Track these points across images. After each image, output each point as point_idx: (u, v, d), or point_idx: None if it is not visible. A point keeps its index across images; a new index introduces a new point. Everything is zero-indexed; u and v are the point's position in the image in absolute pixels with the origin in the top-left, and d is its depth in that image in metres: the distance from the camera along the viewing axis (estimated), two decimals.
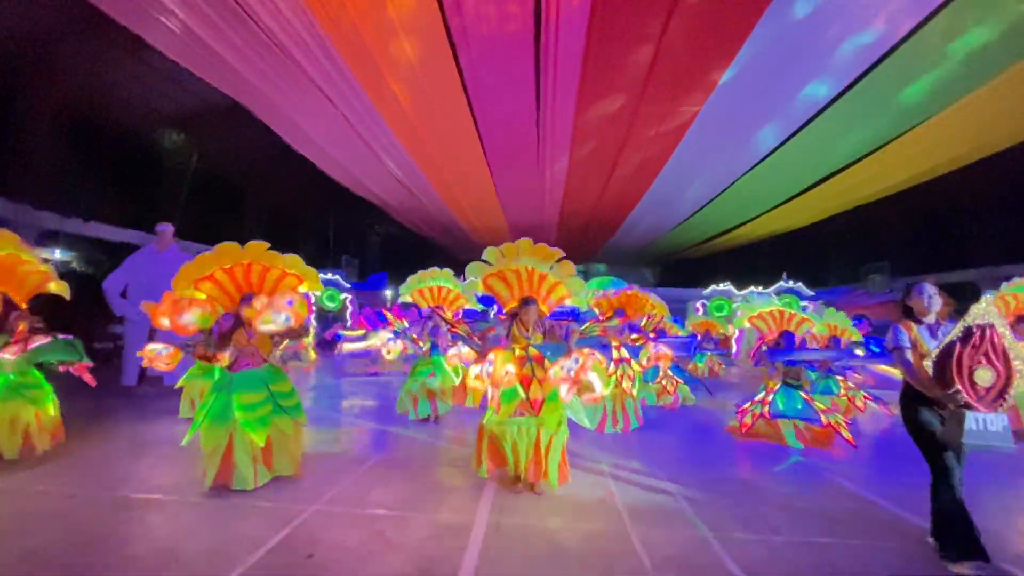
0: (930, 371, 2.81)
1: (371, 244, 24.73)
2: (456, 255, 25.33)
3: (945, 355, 2.71)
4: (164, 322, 4.04)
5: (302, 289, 4.37)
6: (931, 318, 3.00)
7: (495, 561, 2.75)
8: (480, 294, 4.67)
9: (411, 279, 7.00)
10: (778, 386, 5.48)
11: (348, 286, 18.86)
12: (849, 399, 6.62)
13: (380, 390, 9.09)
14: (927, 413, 2.91)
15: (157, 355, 4.32)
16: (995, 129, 10.68)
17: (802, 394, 5.32)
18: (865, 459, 5.03)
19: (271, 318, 3.65)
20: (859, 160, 12.13)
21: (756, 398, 5.60)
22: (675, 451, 5.33)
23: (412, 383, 6.25)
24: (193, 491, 3.62)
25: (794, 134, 10.93)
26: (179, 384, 6.01)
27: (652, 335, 6.08)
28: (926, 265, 17.92)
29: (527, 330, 4.02)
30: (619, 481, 4.16)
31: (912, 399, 2.98)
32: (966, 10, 7.09)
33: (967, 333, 2.69)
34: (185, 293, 4.04)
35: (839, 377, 6.88)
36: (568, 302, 4.43)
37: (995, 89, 8.74)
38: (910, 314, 3.06)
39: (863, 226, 20.48)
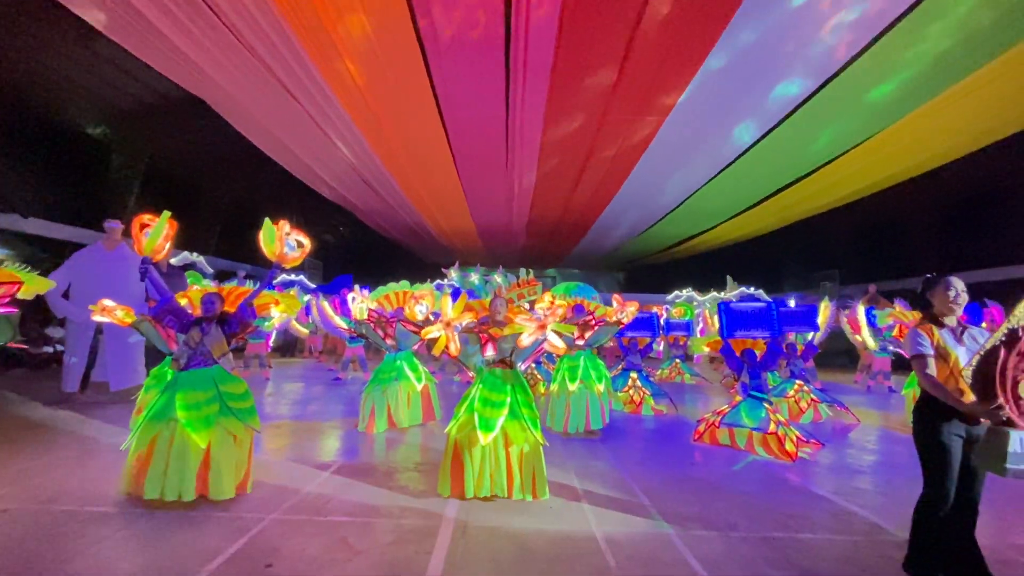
0: (967, 381, 2.38)
1: (335, 246, 24.20)
2: (423, 258, 25.08)
3: (988, 363, 2.27)
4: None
5: (277, 310, 4.40)
6: (952, 320, 2.62)
7: (461, 564, 2.73)
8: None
9: (379, 289, 6.91)
10: (742, 399, 5.64)
11: (313, 287, 18.39)
12: (796, 400, 7.03)
13: (344, 395, 8.88)
14: (947, 431, 2.49)
15: (110, 308, 4.09)
16: (932, 147, 11.46)
17: (767, 406, 5.49)
18: (820, 458, 5.25)
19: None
20: (809, 174, 12.74)
21: (719, 409, 5.77)
22: (640, 454, 5.43)
23: (372, 389, 6.13)
24: (141, 502, 3.44)
25: (747, 150, 11.42)
26: (138, 398, 5.69)
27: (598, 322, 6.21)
28: (873, 273, 18.94)
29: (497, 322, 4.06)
30: (586, 482, 4.21)
31: (931, 413, 2.55)
32: (903, 37, 7.55)
33: (1012, 337, 2.24)
34: None
35: (798, 381, 7.27)
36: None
37: (930, 111, 9.35)
38: (929, 314, 2.68)
39: (814, 236, 21.54)
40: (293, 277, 19.39)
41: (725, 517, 3.50)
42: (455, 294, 5.84)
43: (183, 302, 4.30)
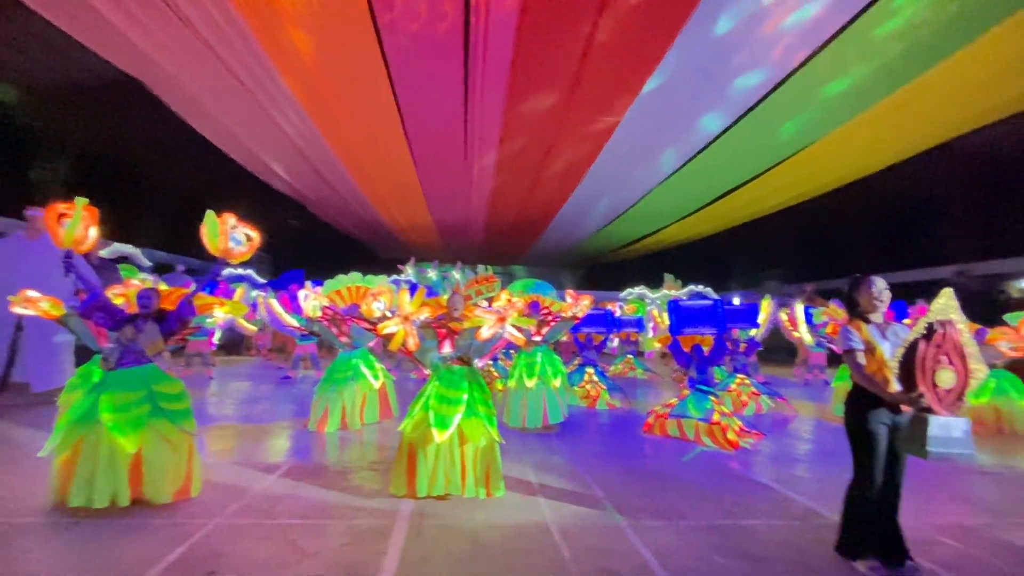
0: (893, 373, 2.60)
1: (285, 240, 23.31)
2: (379, 253, 24.55)
3: (910, 354, 2.51)
4: None
5: (222, 312, 4.22)
6: (878, 317, 2.78)
7: (416, 563, 2.70)
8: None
9: (330, 283, 6.69)
10: (690, 392, 5.86)
11: (262, 282, 17.69)
12: (738, 393, 7.47)
13: (294, 394, 8.60)
14: (874, 420, 2.66)
15: (34, 300, 3.76)
16: (867, 156, 12.28)
17: (712, 399, 5.72)
18: (761, 448, 5.53)
19: None
20: (755, 177, 13.39)
21: (668, 402, 5.98)
22: (595, 447, 5.54)
23: (326, 388, 5.95)
24: (69, 511, 3.20)
25: (701, 151, 11.87)
26: (60, 399, 5.30)
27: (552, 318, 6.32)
28: (814, 272, 20.13)
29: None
30: (542, 477, 4.25)
31: (860, 403, 2.72)
32: (846, 49, 8.05)
33: (930, 330, 2.49)
34: None
35: (740, 375, 7.64)
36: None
37: (865, 122, 10.02)
38: (857, 312, 2.83)
39: (759, 237, 22.70)
40: (241, 272, 18.57)
41: (674, 507, 3.63)
42: (412, 290, 5.75)
43: (119, 299, 4.04)
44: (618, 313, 11.74)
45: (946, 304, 2.53)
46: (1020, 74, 8.42)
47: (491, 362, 8.59)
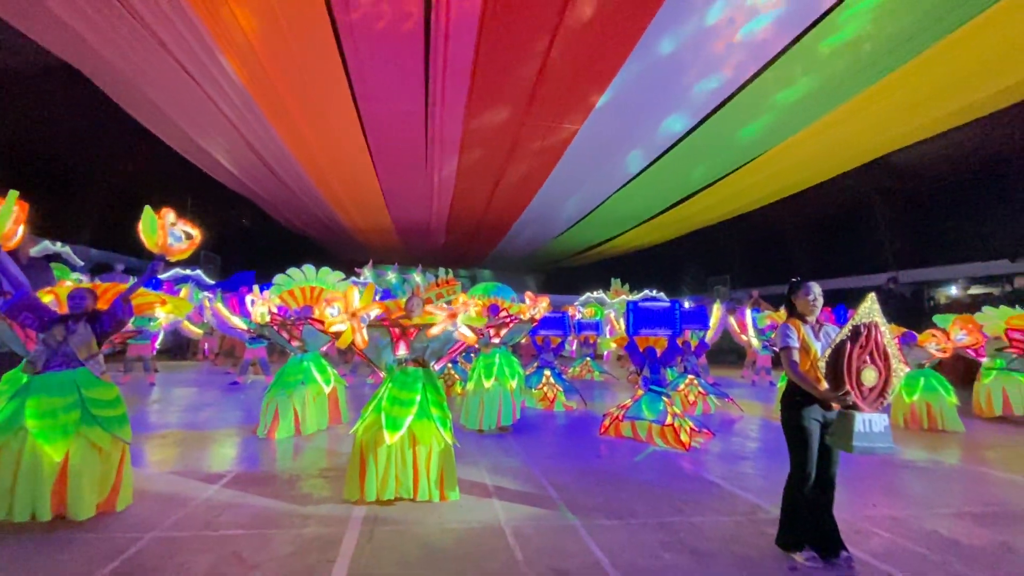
0: (822, 372, 2.74)
1: (235, 239, 22.36)
2: (336, 254, 23.93)
3: (837, 355, 2.65)
4: None
5: (164, 312, 4.03)
6: (812, 319, 2.93)
7: (367, 570, 2.64)
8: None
9: (279, 279, 6.50)
10: (643, 393, 5.99)
11: (209, 283, 16.94)
12: (686, 394, 7.77)
13: (242, 400, 8.25)
14: (808, 416, 2.81)
15: None
16: (808, 169, 13.00)
17: (665, 400, 5.87)
18: (710, 447, 5.72)
19: None
20: (704, 188, 13.96)
21: (623, 403, 6.10)
22: (550, 448, 5.58)
23: (276, 392, 5.74)
24: None
25: (655, 161, 12.29)
26: None
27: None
28: (758, 278, 21.13)
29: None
30: (497, 479, 4.25)
31: (795, 401, 2.87)
32: (792, 65, 8.51)
33: (855, 332, 2.65)
34: None
35: (690, 376, 7.89)
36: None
37: (808, 135, 10.60)
38: (795, 313, 2.98)
39: (709, 244, 23.74)
40: (187, 272, 17.74)
41: (626, 505, 3.70)
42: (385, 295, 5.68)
43: (48, 298, 3.76)
44: (578, 317, 11.92)
45: (870, 308, 2.69)
46: (948, 95, 9.15)
47: (451, 364, 8.53)
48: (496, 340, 6.32)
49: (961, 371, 9.95)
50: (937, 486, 4.49)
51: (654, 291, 18.88)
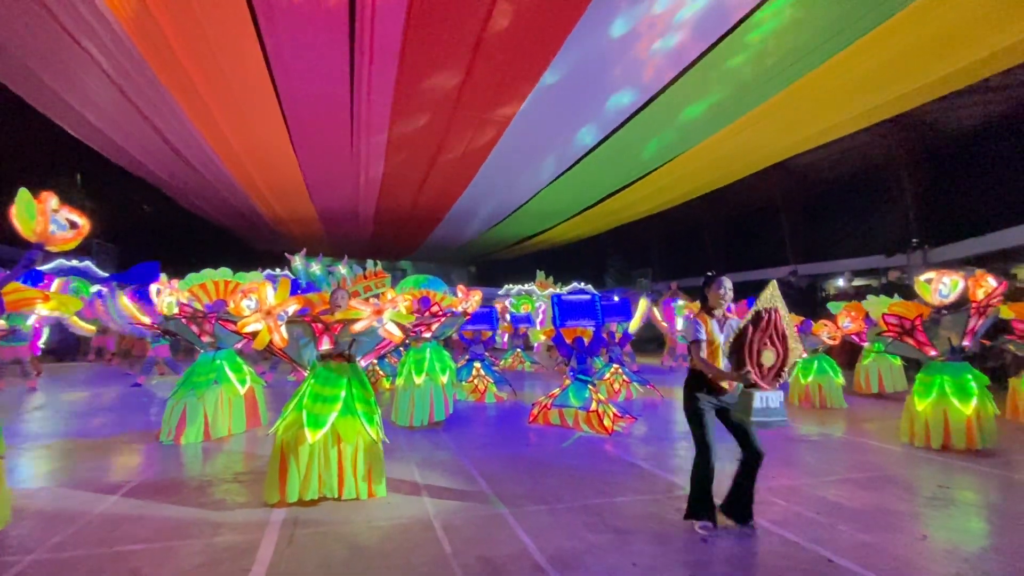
0: (723, 359, 3.05)
1: (135, 227, 20.32)
2: (253, 245, 22.43)
3: (740, 338, 2.95)
4: None
5: (46, 309, 3.59)
6: (720, 312, 3.16)
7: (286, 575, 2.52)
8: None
9: (190, 277, 5.98)
10: (570, 382, 6.17)
11: (104, 275, 15.31)
12: (611, 382, 8.21)
13: (144, 404, 7.55)
14: (704, 401, 3.09)
15: None
16: (719, 170, 13.97)
17: (590, 388, 6.08)
18: (633, 431, 6.01)
19: None
20: (625, 187, 14.61)
21: (552, 392, 6.26)
22: (481, 440, 5.61)
23: (184, 393, 5.31)
24: None
25: (576, 163, 12.70)
26: None
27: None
28: (678, 271, 22.46)
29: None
30: (427, 473, 4.21)
31: (695, 388, 3.13)
32: (700, 77, 9.05)
33: (757, 317, 2.92)
34: None
35: (615, 364, 8.25)
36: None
37: (718, 141, 11.38)
38: (706, 306, 3.19)
39: (633, 239, 24.94)
40: (76, 264, 15.96)
41: (553, 491, 3.81)
42: (293, 286, 5.34)
43: None
44: (510, 311, 12.06)
45: (772, 295, 2.99)
46: (836, 108, 10.16)
47: (376, 361, 8.31)
48: (427, 335, 6.23)
49: (847, 354, 11.14)
50: (825, 457, 5.01)
51: (581, 283, 19.48)
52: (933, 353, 5.33)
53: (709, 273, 3.25)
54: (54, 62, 8.63)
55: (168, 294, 5.48)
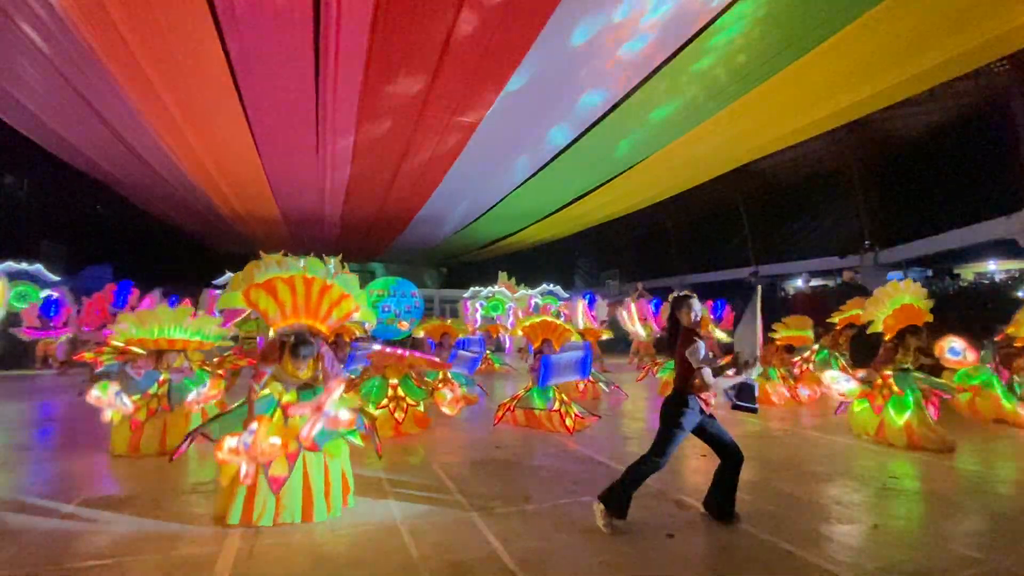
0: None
1: (86, 228, 19.38)
2: (213, 244, 21.66)
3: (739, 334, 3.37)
4: None
5: None
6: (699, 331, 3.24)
7: None
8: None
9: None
10: (535, 384, 6.19)
11: (55, 280, 14.61)
12: (576, 382, 8.20)
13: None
14: (688, 419, 3.13)
15: None
16: (683, 174, 14.34)
17: (553, 388, 6.12)
18: (598, 430, 6.08)
19: None
20: (593, 191, 14.84)
21: (516, 394, 6.27)
22: (449, 444, 5.59)
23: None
24: None
25: (544, 166, 12.84)
26: None
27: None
28: (644, 272, 22.89)
29: (297, 363, 3.34)
30: (393, 477, 4.16)
31: (681, 403, 3.15)
32: (664, 83, 9.29)
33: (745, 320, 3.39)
34: None
35: None
36: (357, 316, 3.81)
37: (680, 145, 11.69)
38: (677, 323, 3.28)
39: (602, 241, 25.29)
40: (24, 266, 15.21)
41: (521, 492, 3.82)
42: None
43: None
44: (480, 313, 12.07)
45: (755, 301, 3.26)
46: (793, 115, 10.59)
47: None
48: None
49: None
50: (785, 452, 5.20)
51: (550, 285, 19.62)
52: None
53: (678, 294, 3.32)
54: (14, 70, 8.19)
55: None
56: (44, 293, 13.93)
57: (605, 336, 11.18)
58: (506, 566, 2.67)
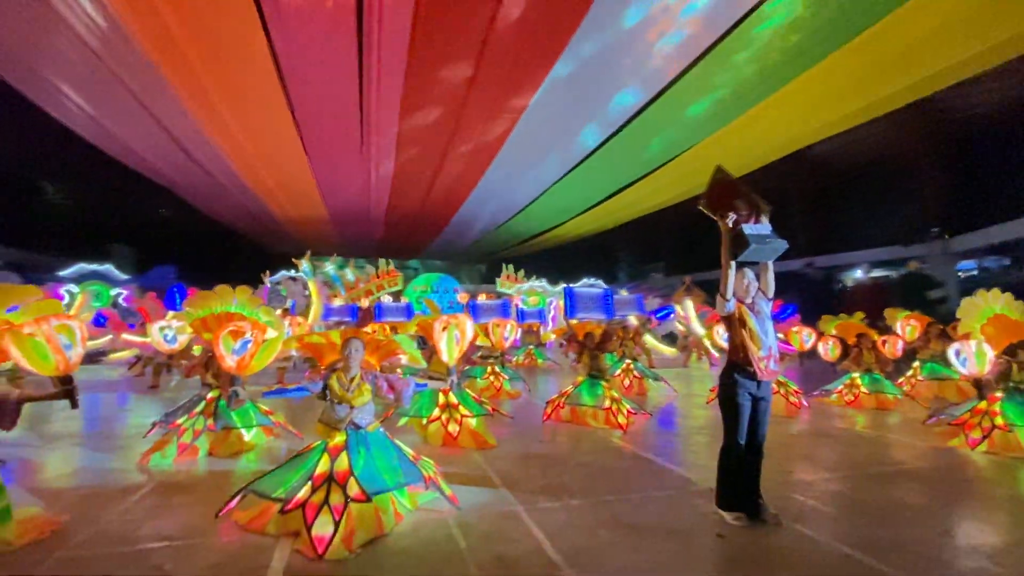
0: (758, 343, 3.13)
1: (152, 230, 20.68)
2: (267, 247, 22.70)
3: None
4: None
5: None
6: (748, 299, 3.32)
7: (303, 572, 2.55)
8: None
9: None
10: (583, 379, 6.15)
11: (124, 279, 15.65)
12: (622, 378, 8.21)
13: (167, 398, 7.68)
14: (742, 392, 3.10)
15: None
16: (731, 161, 13.78)
17: (603, 384, 6.05)
18: (646, 427, 5.97)
19: None
20: (633, 183, 14.52)
21: (565, 390, 6.23)
22: (494, 436, 5.60)
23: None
24: None
25: (593, 151, 12.62)
26: None
27: None
28: (690, 266, 22.22)
29: (347, 383, 3.30)
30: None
31: (732, 378, 3.14)
32: (710, 69, 8.96)
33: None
34: None
35: (627, 360, 8.24)
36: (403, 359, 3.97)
37: (729, 131, 11.25)
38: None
39: (645, 233, 24.65)
40: (95, 267, 16.26)
41: (566, 487, 3.80)
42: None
43: None
44: (521, 305, 12.05)
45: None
46: (849, 96, 9.97)
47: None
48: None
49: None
50: (842, 452, 4.94)
51: (592, 279, 19.38)
52: None
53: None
54: (76, 74, 8.82)
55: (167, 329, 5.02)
56: (115, 291, 14.95)
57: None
58: (551, 560, 2.66)
